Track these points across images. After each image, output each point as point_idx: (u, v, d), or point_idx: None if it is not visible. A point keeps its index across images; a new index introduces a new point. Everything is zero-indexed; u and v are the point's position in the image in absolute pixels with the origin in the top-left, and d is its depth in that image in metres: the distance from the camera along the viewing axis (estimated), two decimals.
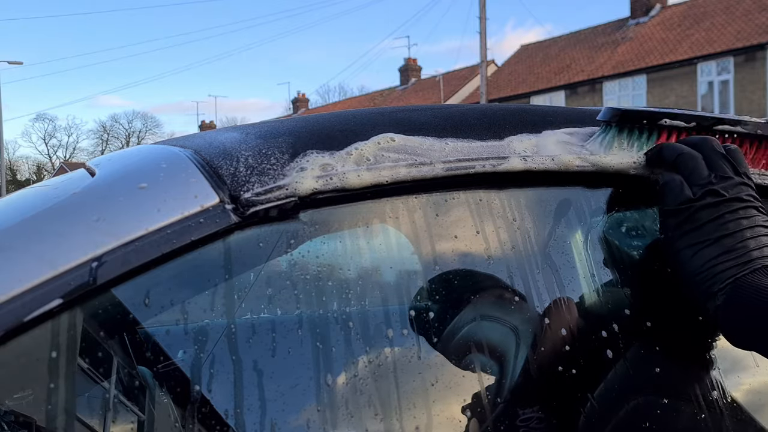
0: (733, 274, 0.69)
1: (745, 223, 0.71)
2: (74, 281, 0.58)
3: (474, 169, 0.74)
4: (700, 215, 0.72)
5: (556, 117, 0.85)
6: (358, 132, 0.74)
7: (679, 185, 0.74)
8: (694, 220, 0.72)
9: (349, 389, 0.66)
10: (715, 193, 0.72)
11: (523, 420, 0.71)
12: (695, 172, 0.74)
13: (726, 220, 0.71)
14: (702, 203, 0.72)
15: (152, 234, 0.62)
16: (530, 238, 0.77)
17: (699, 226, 0.72)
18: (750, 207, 0.73)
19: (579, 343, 0.74)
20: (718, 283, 0.70)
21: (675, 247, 0.73)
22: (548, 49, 25.15)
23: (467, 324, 0.73)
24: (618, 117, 0.79)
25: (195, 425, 0.62)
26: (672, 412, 0.75)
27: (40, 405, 0.57)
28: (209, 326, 0.65)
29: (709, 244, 0.71)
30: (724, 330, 0.72)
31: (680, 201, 0.73)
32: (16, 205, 0.73)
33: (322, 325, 0.68)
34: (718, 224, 0.71)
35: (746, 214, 0.72)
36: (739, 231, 0.71)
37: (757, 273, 0.69)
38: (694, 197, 0.73)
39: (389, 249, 0.74)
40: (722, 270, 0.70)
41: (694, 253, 0.72)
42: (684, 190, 0.73)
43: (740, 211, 0.72)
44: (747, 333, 0.69)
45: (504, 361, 0.74)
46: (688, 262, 0.72)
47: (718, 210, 0.72)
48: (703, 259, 0.71)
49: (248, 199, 0.66)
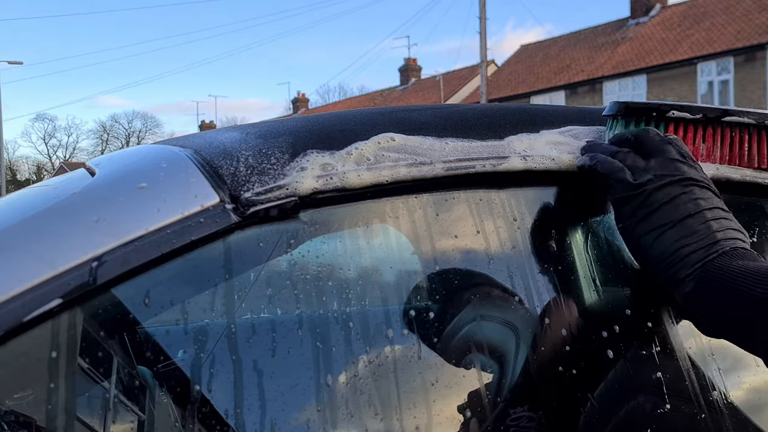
0: (700, 257, 0.66)
1: (704, 204, 0.68)
2: (74, 281, 0.58)
3: (474, 168, 0.74)
4: (656, 198, 0.69)
5: (556, 116, 0.84)
6: (358, 132, 0.74)
7: (621, 171, 0.71)
8: (650, 204, 0.69)
9: (349, 389, 0.66)
10: (666, 175, 0.69)
11: (521, 419, 0.71)
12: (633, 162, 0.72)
13: (684, 201, 0.68)
14: (656, 185, 0.69)
15: (152, 234, 0.62)
16: (530, 238, 0.77)
17: (656, 209, 0.68)
18: (705, 188, 0.70)
19: (579, 343, 0.74)
20: (685, 268, 0.66)
21: (634, 234, 0.70)
22: (548, 49, 25.15)
23: (467, 324, 0.73)
24: (623, 110, 0.79)
25: (195, 425, 0.62)
26: (672, 412, 0.75)
27: (40, 405, 0.57)
28: (209, 326, 0.65)
29: (671, 227, 0.67)
30: (694, 317, 0.68)
31: (630, 187, 0.70)
32: (16, 205, 0.73)
33: (322, 325, 0.68)
34: (676, 204, 0.68)
35: (703, 195, 0.69)
36: (700, 212, 0.67)
37: (725, 256, 0.65)
38: (643, 181, 0.69)
39: (389, 249, 0.73)
40: (688, 253, 0.66)
41: (656, 237, 0.68)
42: (627, 174, 0.70)
43: (696, 190, 0.69)
44: (719, 320, 0.65)
45: (504, 360, 0.74)
46: (650, 248, 0.68)
47: (675, 190, 0.69)
48: (666, 243, 0.67)
49: (248, 198, 0.65)
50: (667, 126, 0.79)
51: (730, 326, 0.64)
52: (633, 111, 0.79)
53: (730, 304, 0.63)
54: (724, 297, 0.63)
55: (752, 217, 0.92)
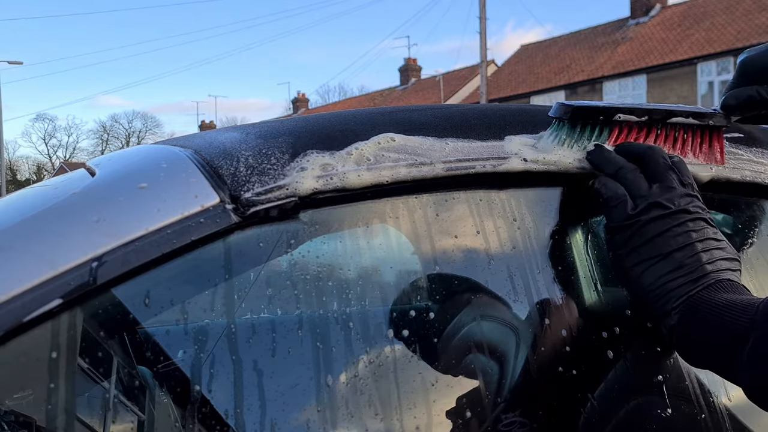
0: (686, 291, 0.67)
1: (695, 236, 0.69)
2: (74, 281, 0.58)
3: (474, 169, 0.74)
4: (648, 229, 0.69)
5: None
6: (359, 132, 0.74)
7: (623, 199, 0.71)
8: (641, 235, 0.70)
9: (349, 389, 0.66)
10: (661, 206, 0.70)
11: (514, 424, 0.71)
12: (635, 184, 0.72)
13: (675, 234, 0.69)
14: (648, 217, 0.70)
15: (152, 234, 0.62)
16: (530, 239, 0.77)
17: (647, 240, 0.69)
18: (699, 219, 0.70)
19: (579, 343, 0.74)
20: (671, 301, 0.67)
21: (625, 264, 0.71)
22: (548, 49, 25.15)
23: (467, 324, 0.73)
24: (571, 113, 0.77)
25: (195, 425, 0.62)
26: (672, 412, 0.75)
27: (40, 405, 0.57)
28: (209, 326, 0.65)
29: (660, 260, 0.68)
30: (680, 349, 0.69)
31: (625, 216, 0.70)
32: (16, 205, 0.73)
33: (322, 325, 0.68)
34: (667, 238, 0.69)
35: (695, 227, 0.70)
36: (690, 244, 0.68)
37: (710, 288, 0.66)
38: (638, 211, 0.70)
39: (389, 249, 0.73)
40: (675, 287, 0.67)
41: (645, 269, 0.69)
42: (627, 204, 0.71)
43: (689, 223, 0.69)
44: (702, 351, 0.67)
45: (504, 361, 0.74)
46: (639, 280, 0.70)
47: (666, 223, 0.69)
48: (654, 276, 0.69)
49: (248, 198, 0.65)
50: (613, 128, 0.78)
51: (714, 357, 0.65)
52: (580, 114, 0.77)
53: (713, 335, 0.64)
54: (707, 329, 0.65)
55: (752, 217, 0.92)
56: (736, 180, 0.86)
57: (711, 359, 0.66)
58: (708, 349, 0.66)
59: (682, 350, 0.69)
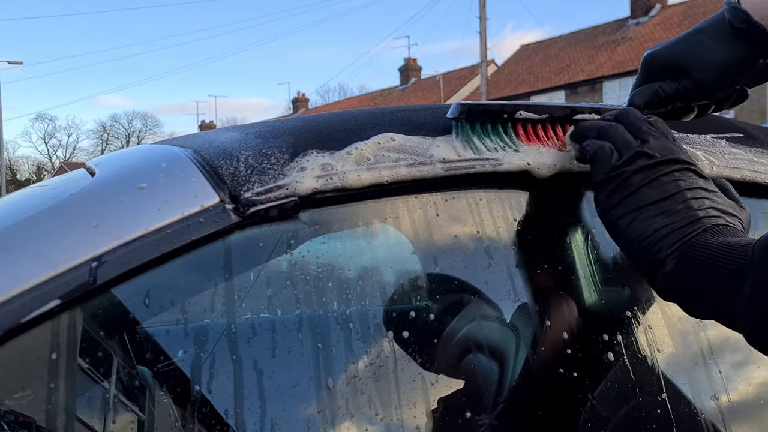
0: (680, 237, 0.64)
1: (683, 185, 0.67)
2: (74, 281, 0.58)
3: (474, 169, 0.74)
4: (634, 179, 0.67)
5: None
6: (358, 132, 0.74)
7: (609, 152, 0.69)
8: (628, 185, 0.67)
9: (350, 389, 0.66)
10: (647, 155, 0.68)
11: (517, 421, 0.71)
12: (621, 138, 0.70)
13: (663, 182, 0.67)
14: (634, 167, 0.68)
15: (152, 234, 0.62)
16: (530, 238, 0.77)
17: (634, 190, 0.67)
18: (686, 169, 0.68)
19: (578, 344, 0.74)
20: (665, 249, 0.64)
21: (612, 217, 0.68)
22: (548, 49, 25.16)
23: (467, 324, 0.73)
24: (466, 113, 0.75)
25: (195, 425, 0.62)
26: (672, 412, 0.75)
27: (40, 405, 0.57)
28: (209, 326, 0.65)
29: (649, 209, 0.66)
30: (678, 298, 0.66)
31: (610, 168, 0.69)
32: (16, 205, 0.73)
33: (322, 325, 0.68)
34: (654, 187, 0.67)
35: (683, 176, 0.68)
36: (679, 192, 0.66)
37: (707, 233, 0.64)
38: (623, 161, 0.68)
39: (389, 249, 0.73)
40: (667, 233, 0.65)
41: (634, 219, 0.67)
42: (612, 155, 0.69)
43: (676, 173, 0.67)
44: (701, 298, 0.63)
45: (504, 361, 0.74)
46: (628, 231, 0.67)
47: (653, 172, 0.67)
48: (644, 225, 0.66)
49: (248, 198, 0.65)
50: (515, 126, 0.77)
51: (712, 304, 0.62)
52: (476, 114, 0.76)
53: (711, 280, 0.61)
54: (704, 274, 0.62)
55: (752, 216, 0.92)
56: (736, 180, 0.86)
57: (710, 305, 0.63)
58: (706, 295, 0.63)
59: (680, 299, 0.66)
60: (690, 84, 0.77)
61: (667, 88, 0.79)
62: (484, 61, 18.86)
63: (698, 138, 0.90)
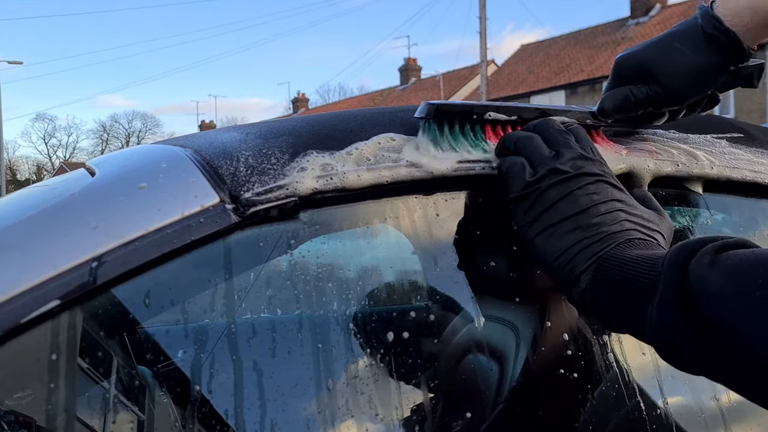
0: (594, 252, 0.63)
1: (596, 198, 0.66)
2: (74, 281, 0.58)
3: (474, 169, 0.74)
4: (548, 195, 0.66)
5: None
6: (358, 132, 0.74)
7: (521, 168, 0.69)
8: (542, 202, 0.67)
9: (350, 389, 0.66)
10: (559, 171, 0.67)
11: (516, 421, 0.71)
12: (535, 152, 0.69)
13: (576, 197, 0.66)
14: (548, 183, 0.67)
15: (152, 234, 0.62)
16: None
17: (549, 207, 0.66)
18: (600, 181, 0.67)
19: (579, 344, 0.74)
20: (580, 265, 0.63)
21: (530, 235, 0.67)
22: (548, 49, 25.16)
23: (467, 324, 0.73)
24: (433, 113, 0.74)
25: (195, 425, 0.62)
26: (671, 412, 0.75)
27: (40, 405, 0.57)
28: (209, 326, 0.65)
29: (563, 225, 0.65)
30: (594, 314, 0.65)
31: (524, 185, 0.68)
32: (16, 205, 0.73)
33: (322, 326, 0.68)
34: (568, 202, 0.66)
35: (597, 189, 0.67)
36: (593, 206, 0.65)
37: (620, 246, 0.63)
38: (536, 178, 0.67)
39: (389, 249, 0.73)
40: (581, 249, 0.64)
41: (549, 237, 0.66)
42: (526, 171, 0.68)
43: (590, 186, 0.67)
44: (615, 312, 0.62)
45: (504, 360, 0.74)
46: (544, 249, 0.66)
47: (567, 187, 0.66)
48: (559, 242, 0.65)
49: (248, 198, 0.65)
50: (484, 127, 0.76)
51: (626, 317, 0.61)
52: (444, 114, 0.75)
53: (623, 295, 0.61)
54: (618, 288, 0.61)
55: (752, 217, 0.92)
56: (736, 180, 0.86)
57: (624, 320, 0.62)
58: (620, 309, 0.62)
59: (595, 315, 0.65)
60: (660, 89, 0.77)
61: (638, 92, 0.78)
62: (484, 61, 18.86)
63: (698, 138, 0.90)
